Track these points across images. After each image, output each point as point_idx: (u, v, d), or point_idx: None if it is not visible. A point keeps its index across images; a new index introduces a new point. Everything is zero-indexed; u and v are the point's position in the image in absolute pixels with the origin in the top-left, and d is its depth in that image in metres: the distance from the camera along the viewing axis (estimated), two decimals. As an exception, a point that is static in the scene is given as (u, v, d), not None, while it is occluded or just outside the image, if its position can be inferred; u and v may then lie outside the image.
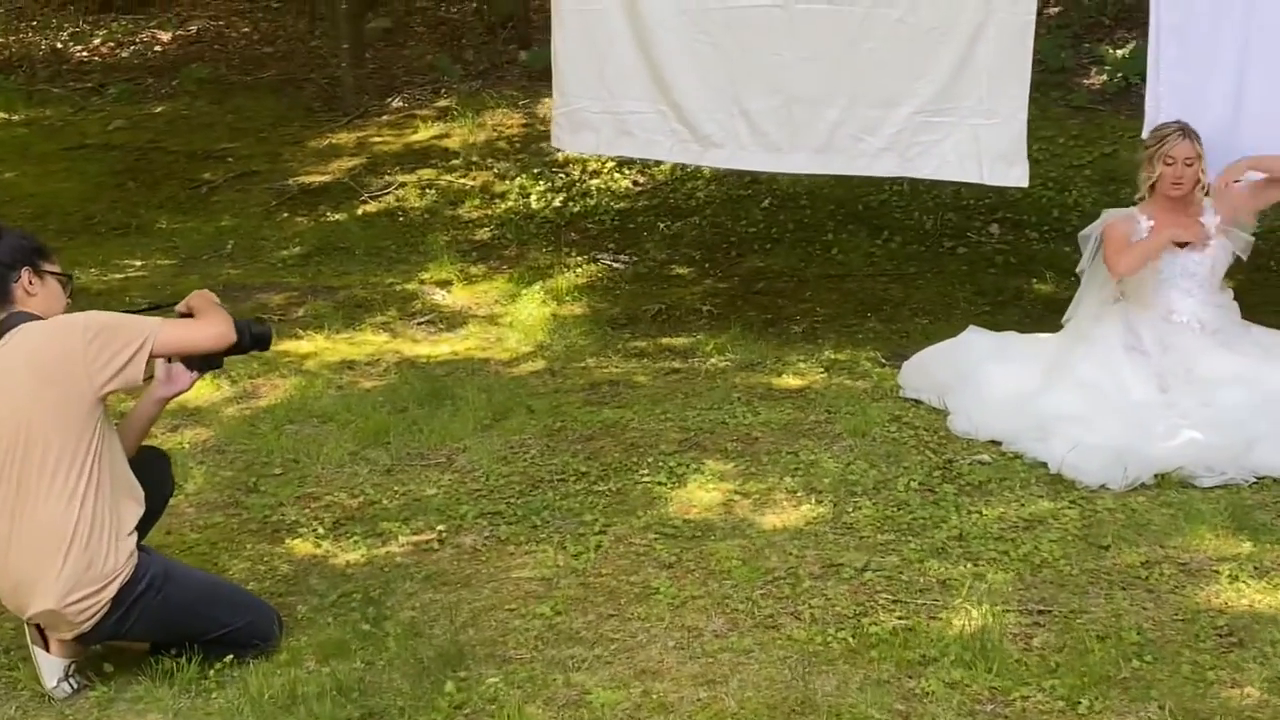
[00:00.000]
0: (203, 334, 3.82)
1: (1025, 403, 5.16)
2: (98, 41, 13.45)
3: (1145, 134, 5.56)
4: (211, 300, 3.94)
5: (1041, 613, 3.88)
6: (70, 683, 3.71)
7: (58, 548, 3.56)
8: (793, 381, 5.82)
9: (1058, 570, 4.14)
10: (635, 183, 9.01)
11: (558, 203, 8.81)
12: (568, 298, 7.26)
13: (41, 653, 3.71)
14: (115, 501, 3.65)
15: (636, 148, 6.42)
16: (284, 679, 3.67)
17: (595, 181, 9.02)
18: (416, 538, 4.56)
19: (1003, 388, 5.30)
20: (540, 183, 9.06)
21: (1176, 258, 5.31)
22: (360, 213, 8.95)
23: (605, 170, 9.10)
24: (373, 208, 9.01)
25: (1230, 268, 5.47)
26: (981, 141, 5.80)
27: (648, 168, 9.01)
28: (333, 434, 5.46)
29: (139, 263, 8.19)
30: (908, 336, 6.42)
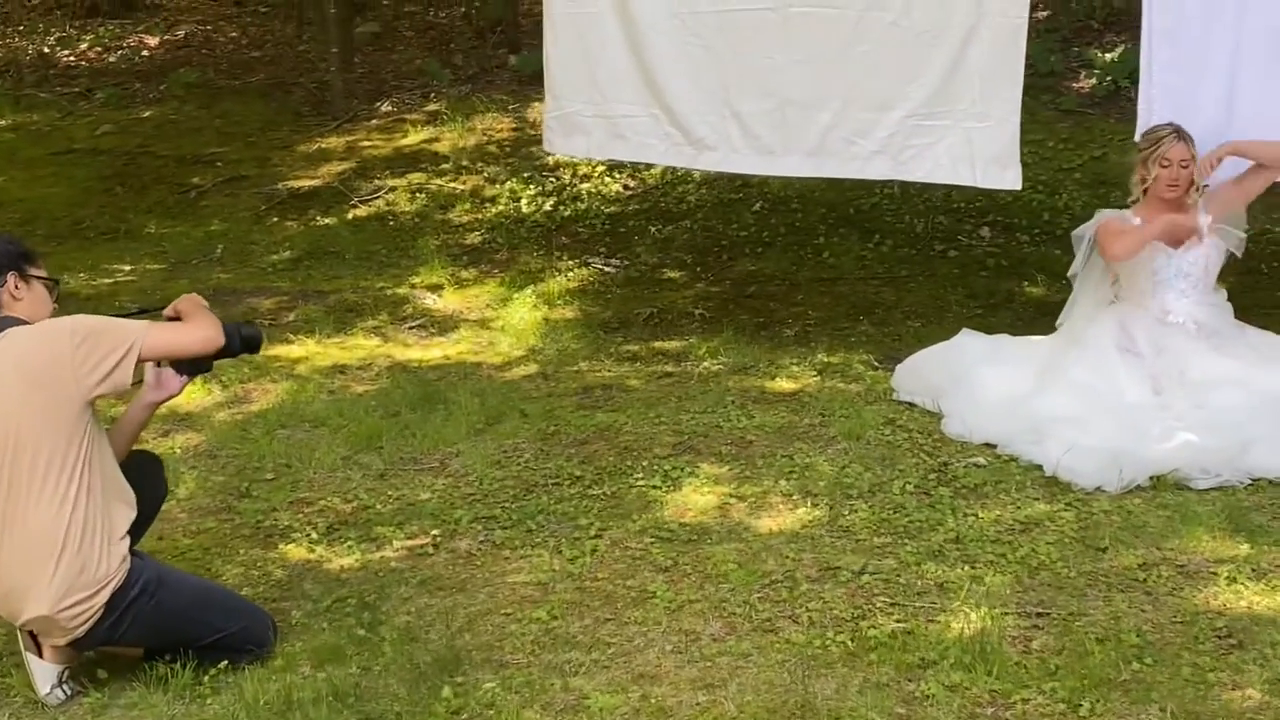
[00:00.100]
0: (190, 337, 3.80)
1: (1019, 405, 5.16)
2: (84, 46, 13.39)
3: (1138, 137, 5.58)
4: (199, 304, 3.92)
5: (1040, 615, 3.87)
6: (64, 689, 3.69)
7: (50, 553, 3.54)
8: (786, 385, 5.80)
9: (1055, 573, 4.13)
10: (626, 187, 9.00)
11: (548, 207, 8.79)
12: (559, 302, 7.24)
13: (34, 659, 3.69)
14: (107, 505, 3.63)
15: (629, 151, 6.41)
16: (279, 685, 3.65)
17: (586, 185, 9.00)
18: (411, 542, 4.54)
19: (996, 390, 5.29)
20: (531, 187, 9.03)
21: (1171, 258, 5.31)
22: (350, 217, 8.91)
23: (596, 174, 9.08)
24: (363, 212, 8.98)
25: (1224, 268, 5.48)
26: (975, 144, 5.79)
27: (638, 171, 9.00)
28: (325, 438, 5.44)
29: (128, 268, 8.15)
30: (900, 339, 6.41)
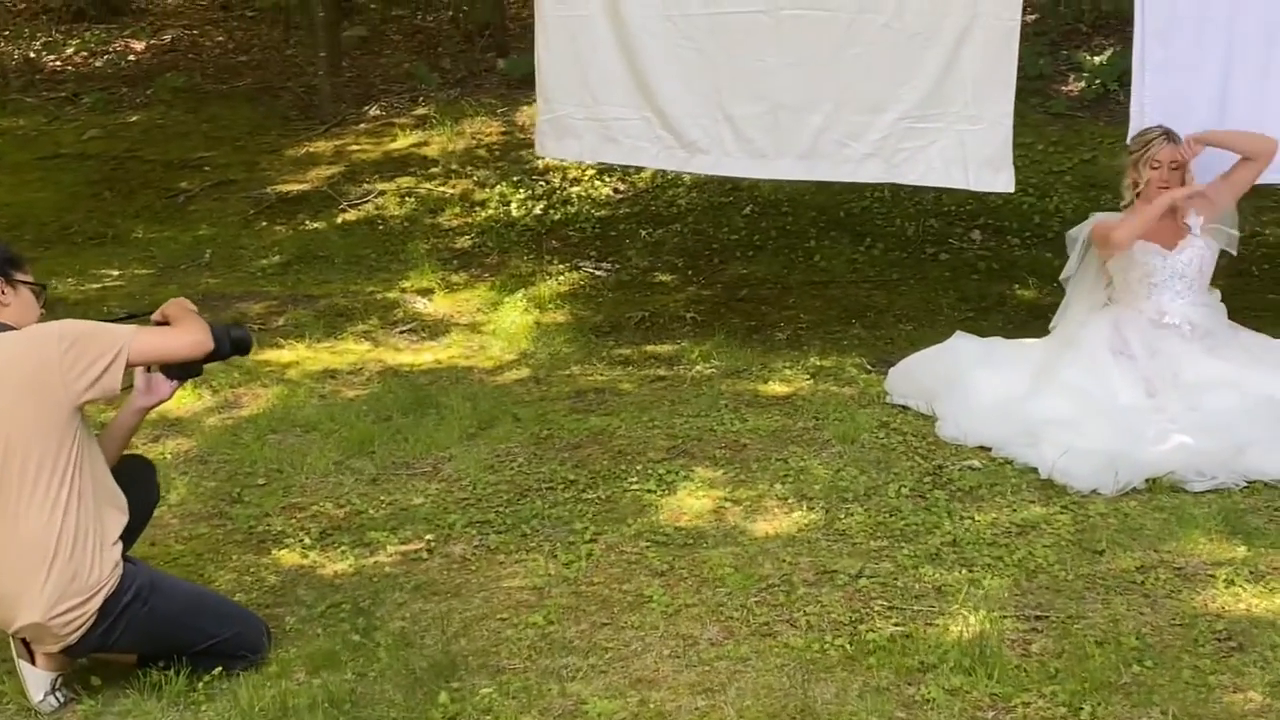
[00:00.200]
0: (179, 341, 3.77)
1: (1013, 408, 5.15)
2: (71, 51, 13.32)
3: (1130, 139, 5.58)
4: (188, 308, 3.89)
5: (1039, 618, 3.86)
6: (57, 696, 3.65)
7: (42, 559, 3.51)
8: (779, 388, 5.79)
9: (1053, 575, 4.12)
10: (616, 190, 8.98)
11: (538, 210, 8.76)
12: (550, 305, 7.22)
13: (27, 666, 3.65)
14: (98, 511, 3.60)
15: (621, 154, 6.39)
16: (274, 691, 3.62)
17: (576, 189, 8.98)
18: (405, 547, 4.51)
19: (990, 393, 5.28)
20: (520, 190, 9.01)
21: (1165, 259, 5.32)
22: (339, 221, 8.88)
23: (586, 178, 9.07)
24: (352, 216, 8.95)
25: (1216, 270, 5.48)
26: (967, 147, 5.79)
27: (628, 175, 8.99)
28: (316, 443, 5.41)
29: (116, 272, 8.11)
30: (892, 343, 6.41)
